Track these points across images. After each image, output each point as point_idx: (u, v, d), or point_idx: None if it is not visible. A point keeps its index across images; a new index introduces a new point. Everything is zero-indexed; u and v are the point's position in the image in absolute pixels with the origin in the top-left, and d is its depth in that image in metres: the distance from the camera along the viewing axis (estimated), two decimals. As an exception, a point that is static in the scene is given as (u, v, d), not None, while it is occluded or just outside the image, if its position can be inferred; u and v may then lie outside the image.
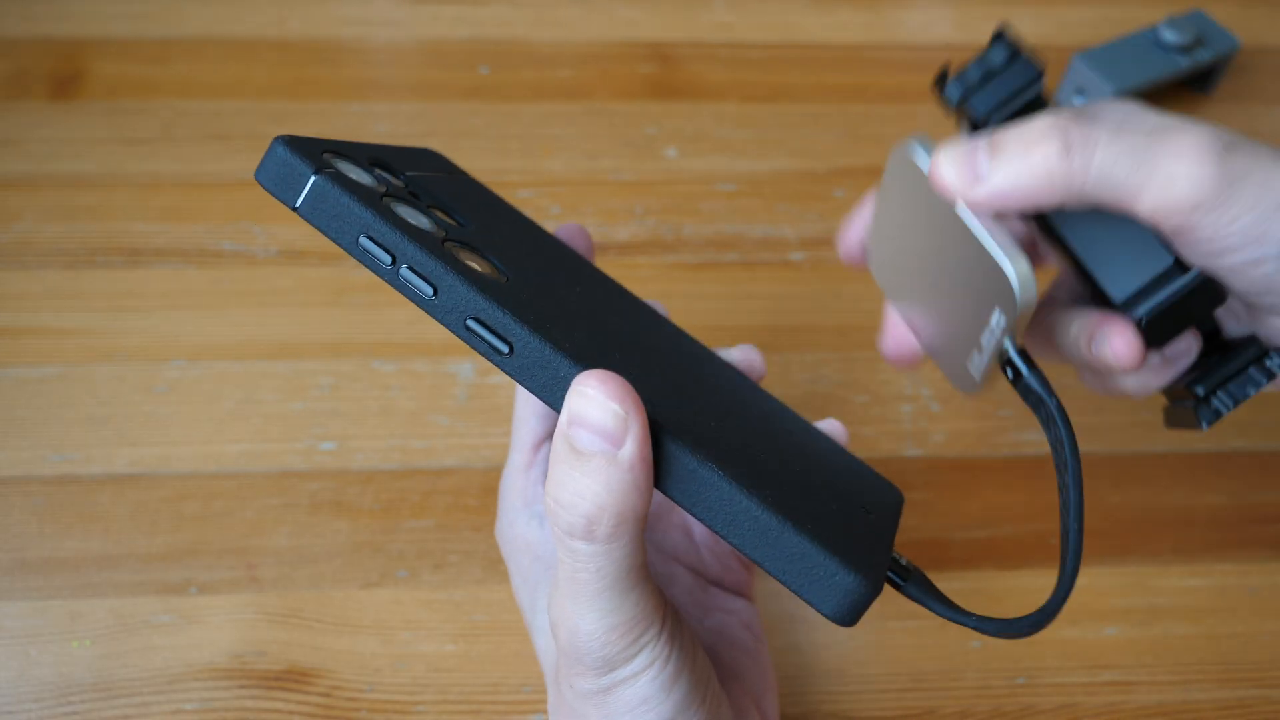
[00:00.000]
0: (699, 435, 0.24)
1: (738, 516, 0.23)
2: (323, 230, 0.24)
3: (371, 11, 0.58)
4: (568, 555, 0.24)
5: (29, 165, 0.49)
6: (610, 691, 0.26)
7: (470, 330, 0.24)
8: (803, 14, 0.61)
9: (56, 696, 0.35)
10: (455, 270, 0.24)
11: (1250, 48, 0.61)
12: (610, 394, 0.23)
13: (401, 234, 0.23)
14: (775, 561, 0.23)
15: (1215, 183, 0.27)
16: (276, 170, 0.24)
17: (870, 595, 0.23)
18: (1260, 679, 0.38)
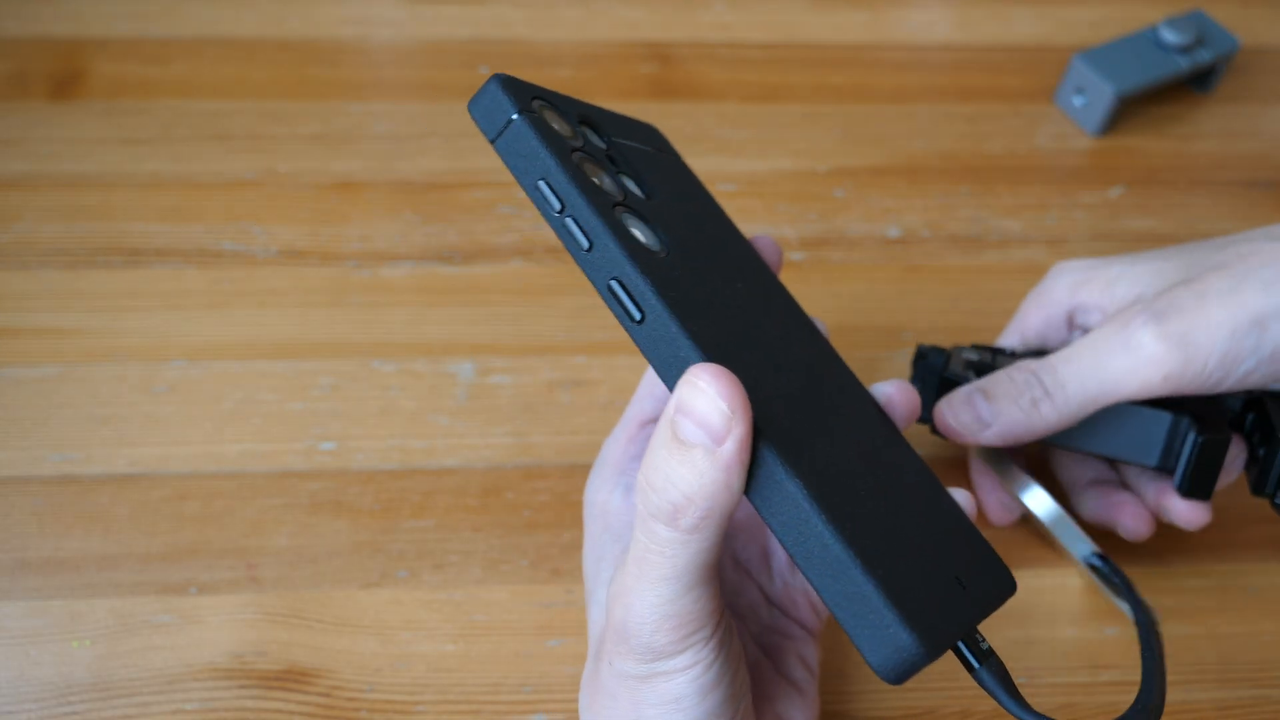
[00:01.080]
0: (800, 452, 0.24)
1: (809, 540, 0.23)
2: (510, 167, 0.26)
3: (371, 11, 0.58)
4: (645, 535, 0.25)
5: (29, 165, 0.49)
6: (647, 680, 0.26)
7: (611, 290, 0.25)
8: (803, 14, 0.61)
9: (56, 696, 0.35)
10: (613, 231, 0.25)
11: (1250, 48, 0.61)
12: (721, 391, 0.23)
13: (575, 186, 0.25)
14: (835, 596, 0.23)
15: (1167, 354, 0.32)
16: (487, 104, 0.26)
17: (922, 660, 0.23)
18: (1260, 679, 0.38)
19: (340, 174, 0.50)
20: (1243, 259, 0.33)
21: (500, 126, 0.26)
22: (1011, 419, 0.35)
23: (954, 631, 0.24)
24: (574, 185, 0.25)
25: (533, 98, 0.27)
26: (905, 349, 0.46)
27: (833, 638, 0.38)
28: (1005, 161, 0.54)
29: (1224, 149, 0.56)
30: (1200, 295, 0.33)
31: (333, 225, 0.48)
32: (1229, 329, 0.32)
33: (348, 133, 0.52)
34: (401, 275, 0.47)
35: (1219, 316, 0.32)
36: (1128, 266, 0.36)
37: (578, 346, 0.45)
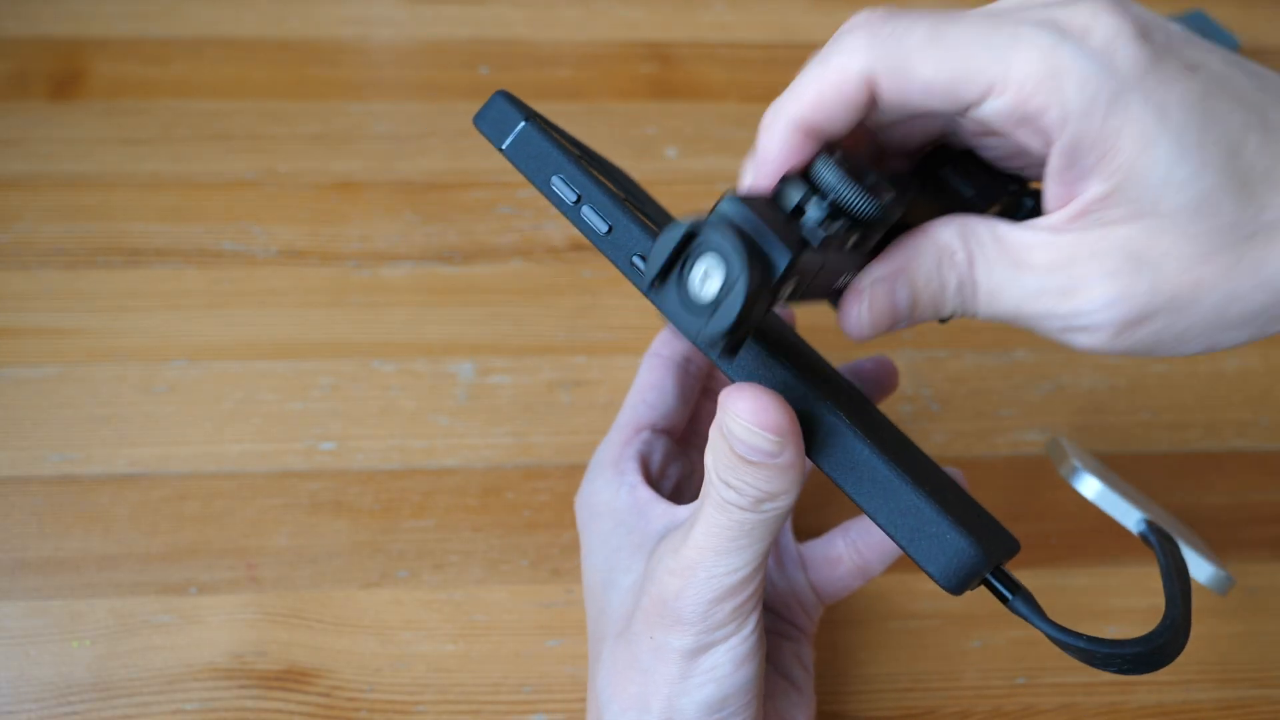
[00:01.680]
0: (840, 406, 0.26)
1: (862, 469, 0.25)
2: (522, 169, 0.27)
3: (371, 11, 0.58)
4: (724, 519, 0.26)
5: (29, 165, 0.49)
6: (694, 655, 0.27)
7: (634, 266, 0.26)
8: (802, 14, 0.61)
9: (56, 696, 0.35)
10: (627, 213, 0.26)
11: (1250, 48, 0.61)
12: (764, 423, 0.24)
13: (588, 177, 0.27)
14: (892, 517, 0.24)
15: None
16: (493, 116, 0.28)
17: (982, 565, 0.24)
18: (1260, 679, 0.38)
19: (340, 174, 0.50)
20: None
21: (509, 133, 0.28)
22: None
23: (1000, 551, 0.25)
24: (586, 175, 0.27)
25: (534, 113, 0.29)
26: (905, 349, 0.46)
27: (829, 638, 0.38)
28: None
29: (1224, 149, 0.56)
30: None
31: (333, 225, 0.48)
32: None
33: (348, 133, 0.52)
34: (401, 275, 0.47)
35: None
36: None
37: (578, 346, 0.45)
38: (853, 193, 0.23)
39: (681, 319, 0.22)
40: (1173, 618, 0.26)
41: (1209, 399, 0.46)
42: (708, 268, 0.22)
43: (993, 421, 0.44)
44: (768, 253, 0.22)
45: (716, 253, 0.22)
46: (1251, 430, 0.45)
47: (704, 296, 0.22)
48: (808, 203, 0.23)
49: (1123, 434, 0.44)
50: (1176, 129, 0.22)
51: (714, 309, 0.22)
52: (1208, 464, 0.44)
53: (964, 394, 0.45)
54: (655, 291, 0.23)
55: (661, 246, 0.23)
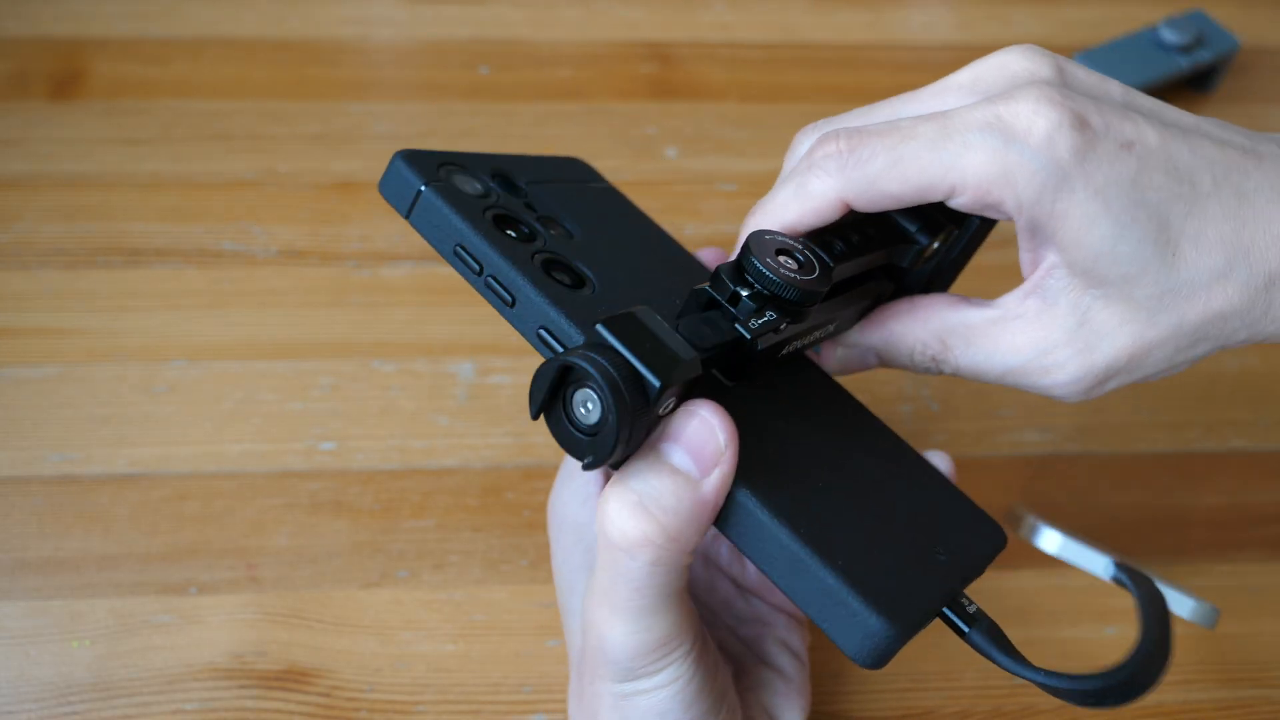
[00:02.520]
0: (751, 462, 0.24)
1: (769, 546, 0.24)
2: (426, 238, 0.26)
3: (371, 11, 0.58)
4: (609, 565, 0.24)
5: (29, 165, 0.49)
6: (629, 699, 0.26)
7: (541, 339, 0.25)
8: (803, 14, 0.61)
9: (56, 696, 0.35)
10: (533, 282, 0.25)
11: (1250, 48, 0.61)
12: (719, 425, 0.23)
13: (489, 246, 0.25)
14: (802, 594, 0.24)
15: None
16: (394, 183, 0.27)
17: (894, 640, 0.23)
18: (1260, 679, 0.38)
19: (340, 174, 0.50)
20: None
21: (410, 201, 0.26)
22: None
23: (930, 604, 0.25)
24: (488, 244, 0.25)
25: (440, 165, 0.27)
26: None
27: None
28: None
29: (1224, 149, 0.56)
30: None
31: (333, 225, 0.48)
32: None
33: (348, 133, 0.52)
34: (401, 275, 0.47)
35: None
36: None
37: (578, 346, 0.45)
38: (771, 280, 0.25)
39: (569, 444, 0.23)
40: (1145, 650, 0.25)
41: (1209, 399, 0.46)
42: (585, 398, 0.23)
43: (993, 421, 0.44)
44: (643, 378, 0.23)
45: (590, 386, 0.22)
46: (1251, 430, 0.45)
47: (586, 424, 0.23)
48: (741, 290, 0.25)
49: (1123, 434, 0.44)
50: (1113, 208, 0.25)
51: (595, 437, 0.23)
52: (1208, 464, 0.44)
53: (964, 394, 0.45)
54: (546, 419, 0.23)
55: (538, 385, 0.23)
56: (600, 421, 0.22)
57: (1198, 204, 0.26)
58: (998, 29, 0.61)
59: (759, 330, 0.25)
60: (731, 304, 0.25)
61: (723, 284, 0.26)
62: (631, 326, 0.23)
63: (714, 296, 0.26)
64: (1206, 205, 0.26)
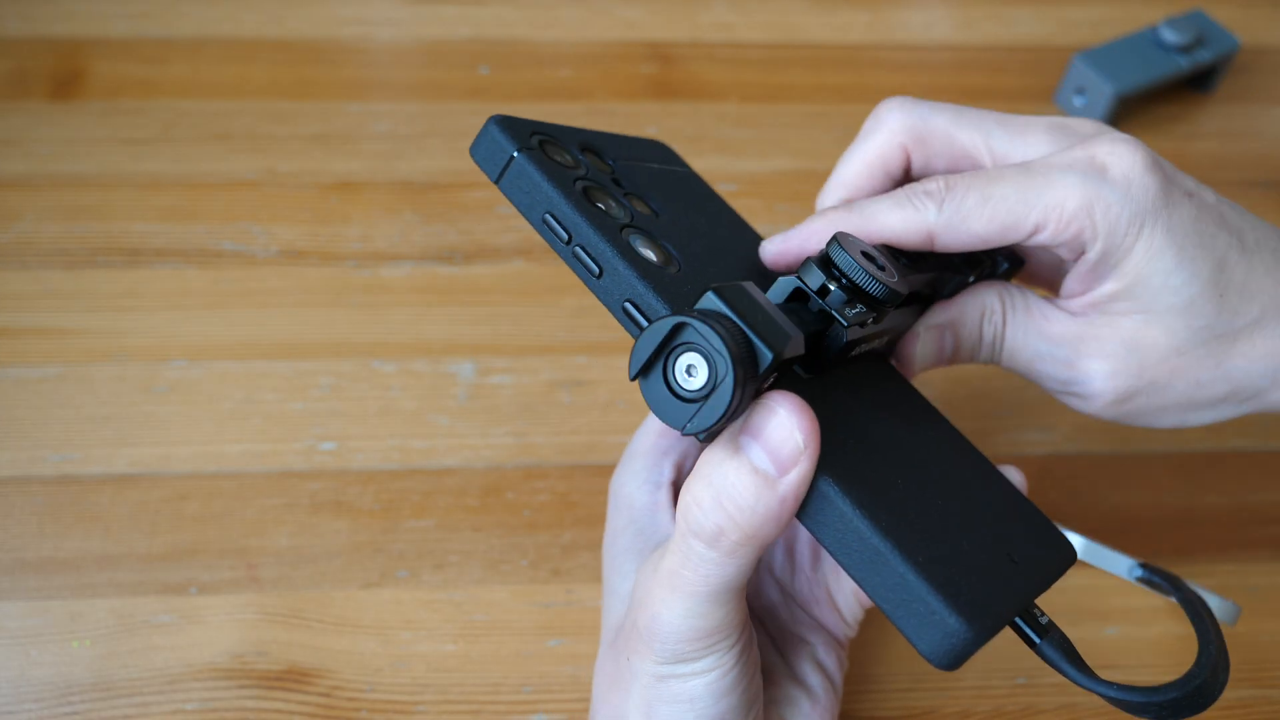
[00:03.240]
0: (834, 456, 0.24)
1: (849, 538, 0.23)
2: (515, 204, 0.26)
3: (371, 11, 0.58)
4: (683, 550, 0.25)
5: (29, 165, 0.49)
6: (664, 680, 0.26)
7: (626, 313, 0.25)
8: (803, 14, 0.61)
9: (56, 696, 0.35)
10: (621, 254, 0.25)
11: (1250, 48, 0.61)
12: (799, 424, 0.23)
13: (580, 216, 0.25)
14: (879, 589, 0.23)
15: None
16: (487, 147, 0.26)
17: (971, 642, 0.23)
18: (1260, 679, 0.38)
19: (340, 174, 0.50)
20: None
21: (502, 166, 0.26)
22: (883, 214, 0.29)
23: (1006, 610, 0.24)
24: (579, 214, 0.25)
25: (531, 133, 0.27)
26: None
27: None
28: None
29: (1224, 149, 0.56)
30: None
31: (333, 225, 0.48)
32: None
33: (348, 133, 0.52)
34: (401, 275, 0.47)
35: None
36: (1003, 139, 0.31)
37: (578, 346, 0.45)
38: (864, 276, 0.26)
39: (666, 410, 0.23)
40: (1209, 654, 0.24)
41: (1209, 399, 0.46)
42: (692, 362, 0.22)
43: (993, 422, 0.44)
44: (754, 348, 0.22)
45: (702, 349, 0.22)
46: (1251, 430, 0.45)
47: (688, 390, 0.22)
48: (829, 284, 0.26)
49: (1123, 434, 0.44)
50: (1178, 244, 0.28)
51: (699, 403, 0.22)
52: (1208, 464, 0.44)
53: (964, 395, 0.45)
54: (641, 381, 0.23)
55: (645, 343, 0.23)
56: (706, 387, 0.22)
57: (1245, 255, 0.29)
58: (998, 29, 0.61)
59: (854, 319, 0.26)
60: (820, 295, 0.26)
61: (814, 274, 0.26)
62: (743, 297, 0.23)
63: (803, 286, 0.26)
64: (1252, 258, 0.29)
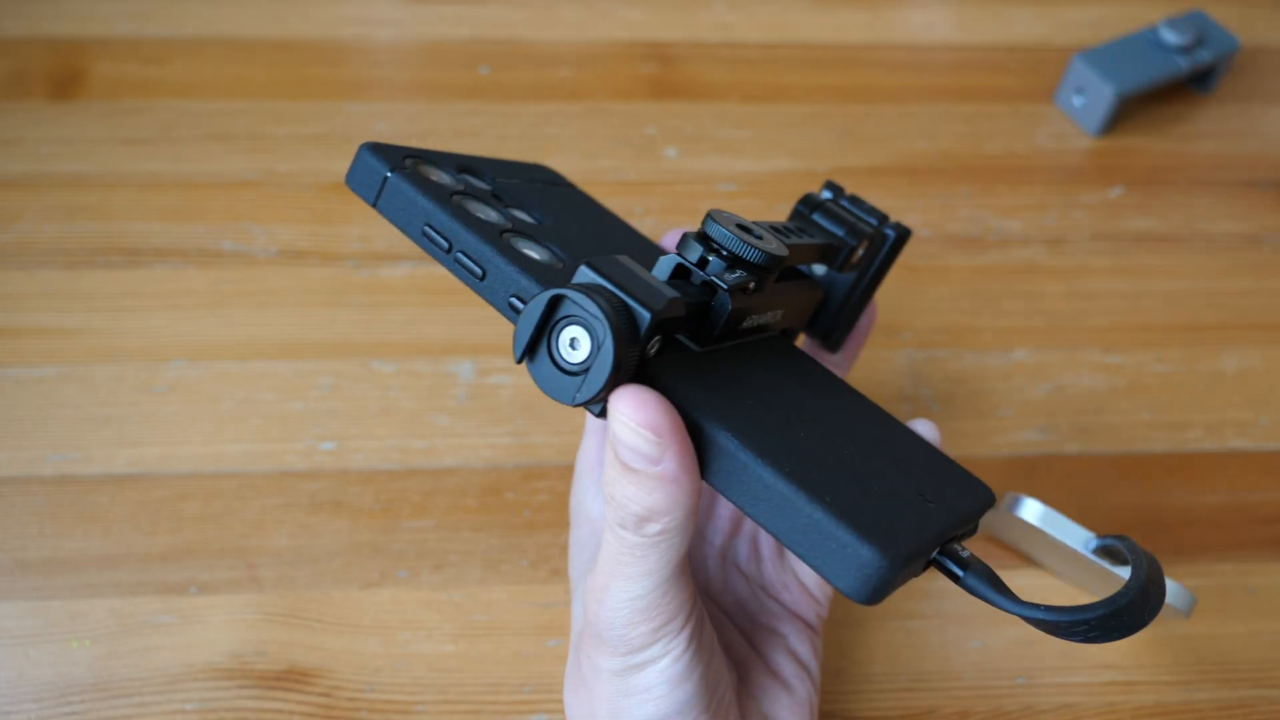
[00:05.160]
0: (731, 412, 0.25)
1: (754, 488, 0.23)
2: (395, 223, 0.26)
3: (371, 11, 0.58)
4: (615, 540, 0.25)
5: (29, 165, 0.49)
6: (623, 675, 0.27)
7: (512, 308, 0.25)
8: (803, 14, 0.61)
9: (56, 696, 0.35)
10: (501, 253, 0.25)
11: (1250, 48, 0.61)
12: (643, 421, 0.23)
13: (457, 222, 0.26)
14: (790, 535, 0.23)
15: None
16: (361, 173, 0.27)
17: (889, 571, 0.22)
18: (1260, 679, 0.38)
19: (340, 174, 0.50)
20: None
21: (377, 189, 0.27)
22: None
23: (922, 542, 0.24)
24: (455, 221, 0.26)
25: (405, 157, 0.28)
26: (905, 349, 0.46)
27: (829, 638, 0.38)
28: (1005, 161, 0.54)
29: (1224, 149, 0.56)
30: None
31: (333, 225, 0.48)
32: None
33: (348, 133, 0.52)
34: (401, 275, 0.47)
35: None
36: None
37: (578, 346, 0.45)
38: (738, 244, 0.26)
39: (555, 386, 0.23)
40: (1139, 578, 0.24)
41: (1209, 399, 0.46)
42: (574, 335, 0.23)
43: (993, 421, 0.44)
44: (632, 312, 0.23)
45: (581, 319, 0.23)
46: (1251, 430, 0.45)
47: (574, 363, 0.23)
48: (708, 255, 0.26)
49: (1123, 434, 0.44)
50: None
51: (585, 373, 0.23)
52: (1208, 464, 0.44)
53: (964, 394, 0.45)
54: (529, 363, 0.23)
55: (525, 322, 0.23)
56: (590, 356, 0.23)
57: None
58: (998, 29, 0.61)
59: (734, 283, 0.26)
60: (700, 267, 0.26)
61: (692, 247, 0.26)
62: (617, 266, 0.24)
63: (683, 261, 0.26)
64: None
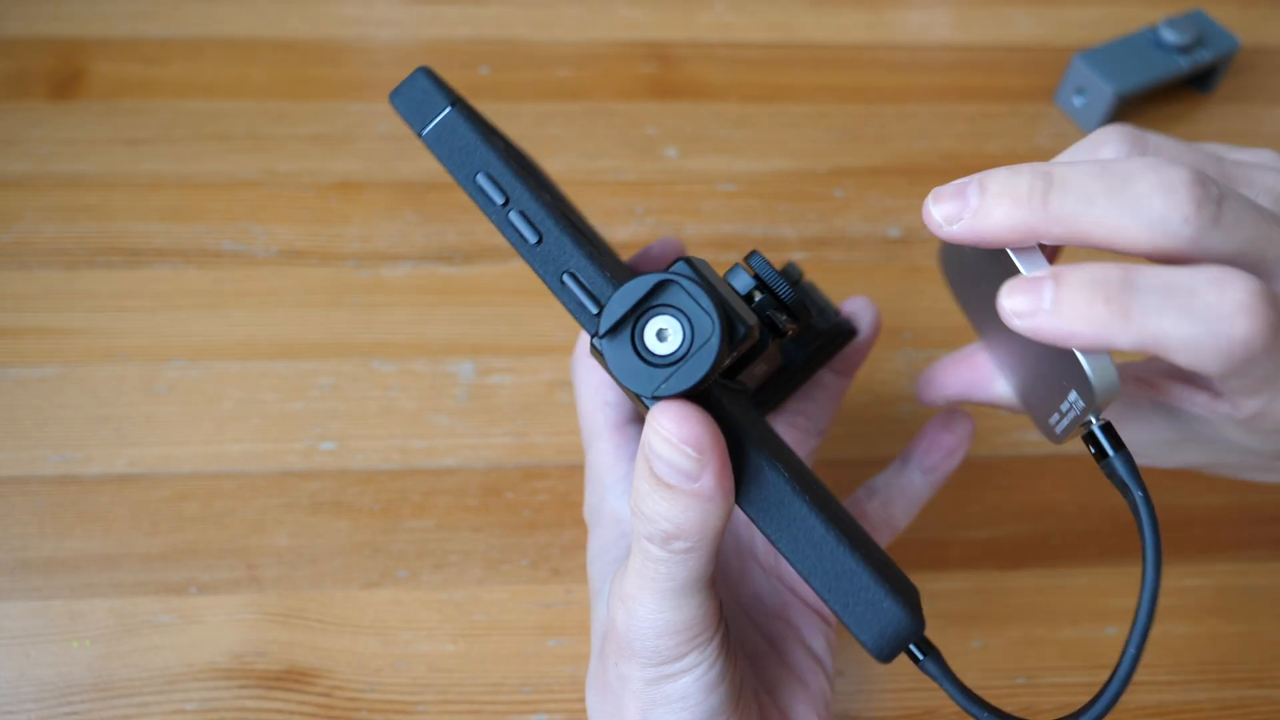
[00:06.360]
0: (769, 445, 0.24)
1: (795, 525, 0.23)
2: (443, 160, 0.25)
3: (372, 11, 0.58)
4: (642, 554, 0.25)
5: (29, 165, 0.49)
6: (656, 684, 0.27)
7: (564, 284, 0.24)
8: (803, 14, 0.61)
9: (56, 696, 0.35)
10: (561, 224, 0.24)
11: (1250, 48, 0.61)
12: (684, 436, 0.23)
13: (518, 179, 0.24)
14: (822, 576, 0.23)
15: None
16: (414, 95, 0.25)
17: (913, 635, 0.23)
18: (1260, 679, 0.38)
19: (340, 174, 0.50)
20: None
21: (431, 118, 0.25)
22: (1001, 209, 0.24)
23: (918, 612, 0.24)
24: (517, 178, 0.24)
25: (460, 99, 0.27)
26: (906, 349, 0.46)
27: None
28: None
29: (1224, 149, 0.56)
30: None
31: (333, 225, 0.48)
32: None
33: (348, 133, 0.52)
34: (401, 275, 0.47)
35: None
36: None
37: (578, 346, 0.45)
38: (785, 286, 0.26)
39: (631, 374, 0.22)
40: (1114, 691, 0.24)
41: (1209, 399, 0.46)
42: (664, 325, 0.22)
43: (993, 421, 0.44)
44: (733, 320, 0.22)
45: (682, 310, 0.22)
46: (1251, 430, 0.45)
47: (657, 354, 0.22)
48: (755, 289, 0.26)
49: (1123, 434, 0.44)
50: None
51: (674, 366, 0.22)
52: (1208, 464, 0.44)
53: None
54: (605, 340, 0.22)
55: (622, 299, 0.22)
56: (681, 349, 0.22)
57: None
58: (998, 29, 0.61)
59: (783, 326, 0.26)
60: (747, 300, 0.26)
61: (741, 277, 0.26)
62: (711, 273, 0.23)
63: (732, 287, 0.26)
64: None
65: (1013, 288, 0.23)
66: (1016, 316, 0.23)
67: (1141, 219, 0.22)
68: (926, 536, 0.41)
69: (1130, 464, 0.24)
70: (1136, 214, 0.23)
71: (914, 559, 0.40)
